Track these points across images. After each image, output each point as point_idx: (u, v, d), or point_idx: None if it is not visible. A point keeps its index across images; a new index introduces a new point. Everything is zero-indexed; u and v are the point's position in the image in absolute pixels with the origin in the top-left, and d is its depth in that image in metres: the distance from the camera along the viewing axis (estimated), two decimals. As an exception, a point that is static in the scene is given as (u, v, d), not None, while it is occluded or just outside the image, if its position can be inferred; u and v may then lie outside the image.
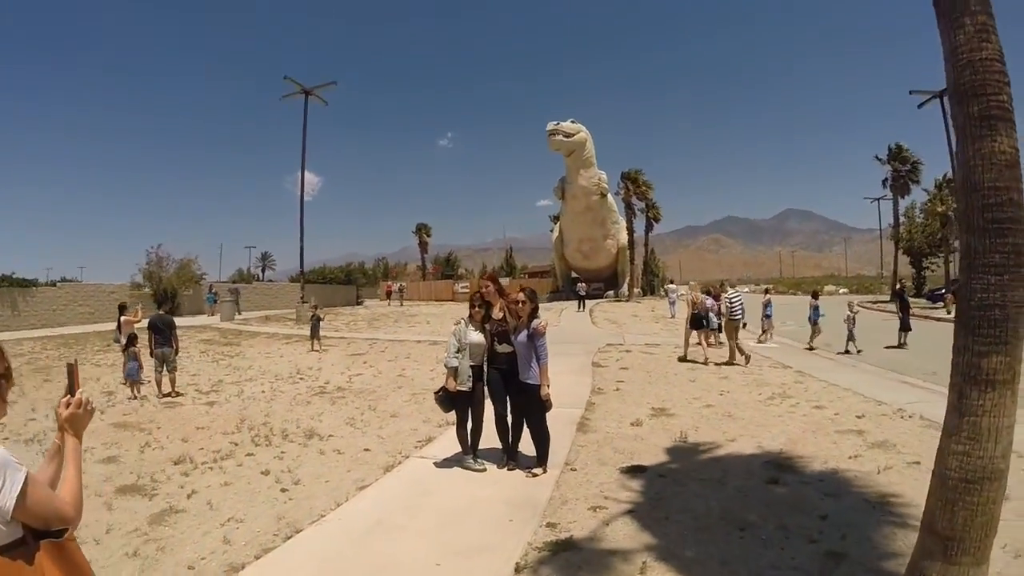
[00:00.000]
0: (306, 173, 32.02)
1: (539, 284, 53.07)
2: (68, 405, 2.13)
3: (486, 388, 6.58)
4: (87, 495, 6.05)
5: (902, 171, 46.46)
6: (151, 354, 11.75)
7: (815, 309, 17.76)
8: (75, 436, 2.12)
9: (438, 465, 6.68)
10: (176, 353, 12.04)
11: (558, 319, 28.05)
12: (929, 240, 49.51)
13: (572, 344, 17.99)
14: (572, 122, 42.35)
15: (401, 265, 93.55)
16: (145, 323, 12.51)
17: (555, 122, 41.59)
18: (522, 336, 6.24)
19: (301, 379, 13.24)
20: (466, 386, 6.36)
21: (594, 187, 42.98)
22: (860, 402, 9.73)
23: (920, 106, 34.69)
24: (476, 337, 6.43)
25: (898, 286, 23.72)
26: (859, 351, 16.42)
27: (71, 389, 2.17)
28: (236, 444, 7.90)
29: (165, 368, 11.72)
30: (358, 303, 50.84)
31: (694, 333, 15.18)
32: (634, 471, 6.32)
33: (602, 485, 5.94)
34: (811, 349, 17.25)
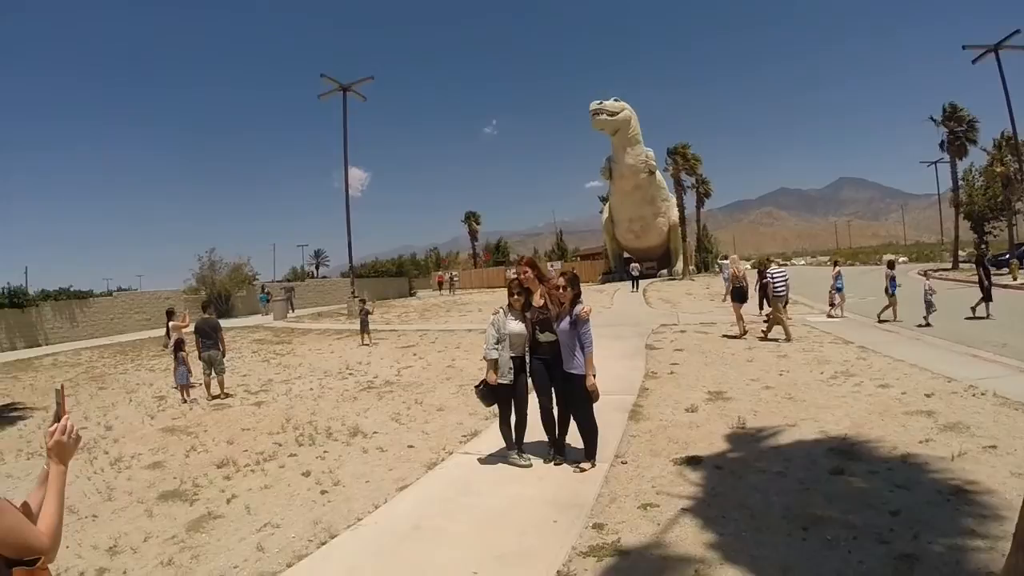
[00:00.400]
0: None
1: (591, 266, 52.54)
2: (53, 433, 2.01)
3: (529, 380, 6.23)
4: (130, 502, 6.15)
5: (958, 131, 43.88)
6: (199, 357, 11.82)
7: (892, 280, 16.72)
8: (60, 463, 2.00)
9: (482, 461, 6.41)
10: (224, 355, 12.06)
11: (611, 301, 27.54)
12: (991, 204, 46.68)
13: (624, 327, 17.50)
14: (615, 100, 41.48)
15: (453, 254, 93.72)
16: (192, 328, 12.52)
17: (598, 101, 40.81)
18: (564, 324, 5.85)
19: (350, 374, 13.16)
20: (507, 379, 6.01)
21: (642, 165, 42.11)
22: (928, 379, 9.05)
23: (975, 61, 32.60)
24: (516, 327, 6.08)
25: (979, 252, 22.24)
26: (929, 324, 15.23)
27: (58, 415, 2.04)
28: (280, 445, 7.81)
29: (213, 371, 11.79)
30: (411, 294, 51.23)
31: (737, 307, 15.03)
32: (689, 462, 5.90)
33: (654, 479, 5.56)
34: (882, 322, 16.32)
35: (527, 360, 6.20)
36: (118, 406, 11.73)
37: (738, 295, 15.11)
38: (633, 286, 33.91)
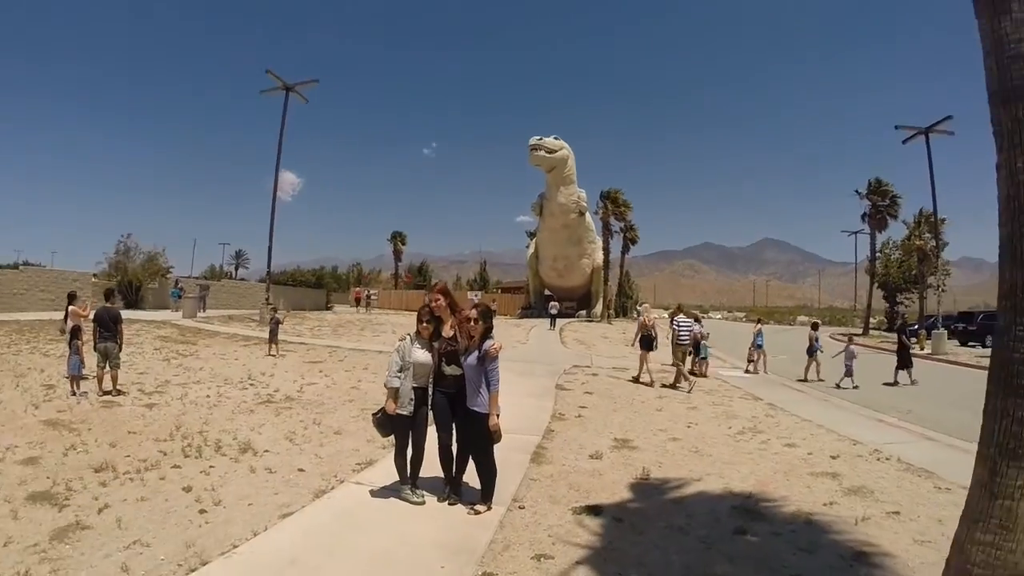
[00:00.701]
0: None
1: (511, 300, 52.52)
2: None
3: (430, 413, 5.88)
4: (1, 497, 5.53)
5: (881, 206, 46.45)
6: (95, 348, 11.09)
7: (815, 341, 17.32)
8: None
9: (374, 494, 6.00)
10: (120, 349, 11.33)
11: (527, 337, 27.47)
12: (904, 275, 49.73)
13: (537, 364, 17.40)
14: (555, 138, 41.88)
15: (375, 272, 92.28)
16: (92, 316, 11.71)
17: (538, 137, 41.11)
18: (472, 358, 5.55)
19: (251, 385, 12.50)
20: (407, 410, 5.67)
21: (573, 205, 42.51)
22: (835, 441, 9.25)
23: (905, 141, 34.43)
24: (422, 356, 5.74)
25: (902, 320, 23.25)
26: (855, 387, 15.61)
27: None
28: (165, 454, 7.25)
29: (108, 364, 11.03)
30: (328, 308, 49.97)
31: (645, 355, 15.22)
32: (589, 511, 5.69)
33: (552, 528, 5.31)
34: (803, 381, 16.95)
35: (430, 392, 5.87)
36: (3, 390, 10.99)
37: (646, 343, 15.23)
38: (551, 324, 33.99)
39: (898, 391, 15.67)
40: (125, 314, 12.72)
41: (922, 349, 28.93)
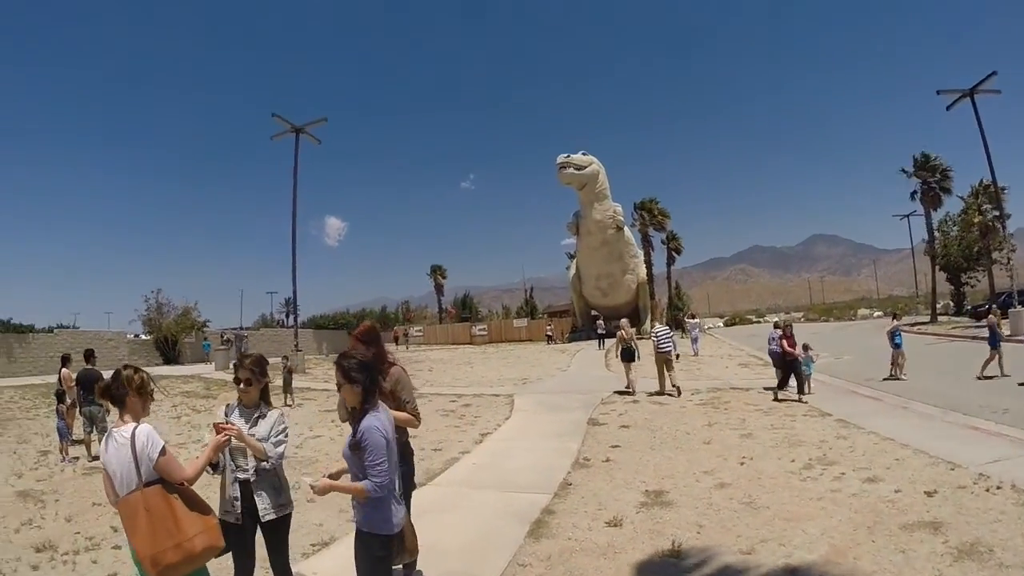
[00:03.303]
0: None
1: (560, 323, 50.86)
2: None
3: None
4: None
5: (931, 182, 43.22)
6: (79, 412, 10.80)
7: (895, 333, 15.62)
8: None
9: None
10: (108, 412, 10.55)
11: (569, 363, 25.73)
12: (966, 254, 45.76)
13: (572, 395, 15.67)
14: (583, 154, 40.40)
15: (423, 307, 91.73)
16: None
17: (565, 155, 39.70)
18: (346, 445, 3.44)
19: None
20: (229, 516, 3.75)
21: (609, 220, 40.78)
22: (926, 466, 7.27)
23: (949, 107, 31.47)
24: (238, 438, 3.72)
25: (994, 303, 20.89)
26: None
27: None
28: (116, 530, 6.31)
29: (95, 428, 10.56)
30: (372, 349, 49.18)
31: (627, 365, 15.95)
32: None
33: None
34: (895, 379, 15.27)
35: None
36: None
37: (627, 355, 15.90)
38: (600, 344, 32.68)
39: (987, 385, 13.60)
40: (164, 370, 12.09)
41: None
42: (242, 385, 3.86)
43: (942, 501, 5.97)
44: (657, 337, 15.54)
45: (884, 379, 15.38)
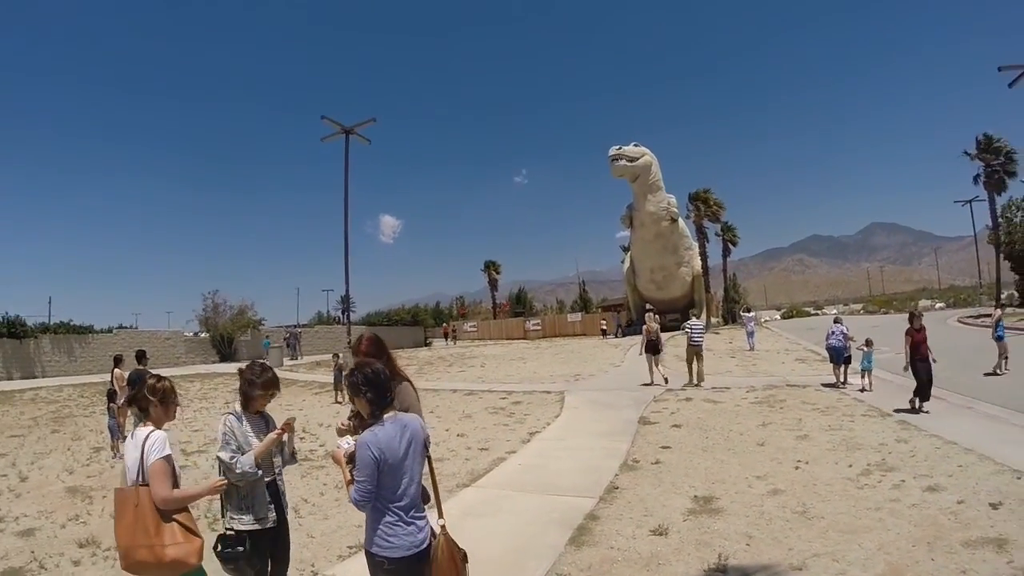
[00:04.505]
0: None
1: (612, 317, 50.41)
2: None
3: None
4: None
5: (995, 164, 40.86)
6: (131, 411, 10.74)
7: (999, 324, 14.93)
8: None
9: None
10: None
11: (622, 358, 25.41)
12: (1033, 240, 43.04)
13: (623, 392, 15.43)
14: (635, 145, 39.88)
15: (477, 303, 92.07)
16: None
17: (617, 147, 39.25)
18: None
19: (300, 439, 11.28)
20: (266, 522, 3.64)
21: (663, 212, 40.18)
22: (991, 474, 6.85)
23: (1011, 84, 29.76)
24: (256, 440, 3.73)
25: None
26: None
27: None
28: None
29: None
30: (426, 344, 49.76)
31: (652, 357, 16.66)
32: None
33: None
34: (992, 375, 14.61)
35: (280, 488, 3.91)
36: (53, 454, 11.36)
37: (651, 347, 16.64)
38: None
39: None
40: (220, 368, 12.29)
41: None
42: (259, 394, 3.82)
43: (1008, 515, 5.59)
44: (692, 330, 16.64)
45: (986, 374, 14.67)
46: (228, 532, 3.51)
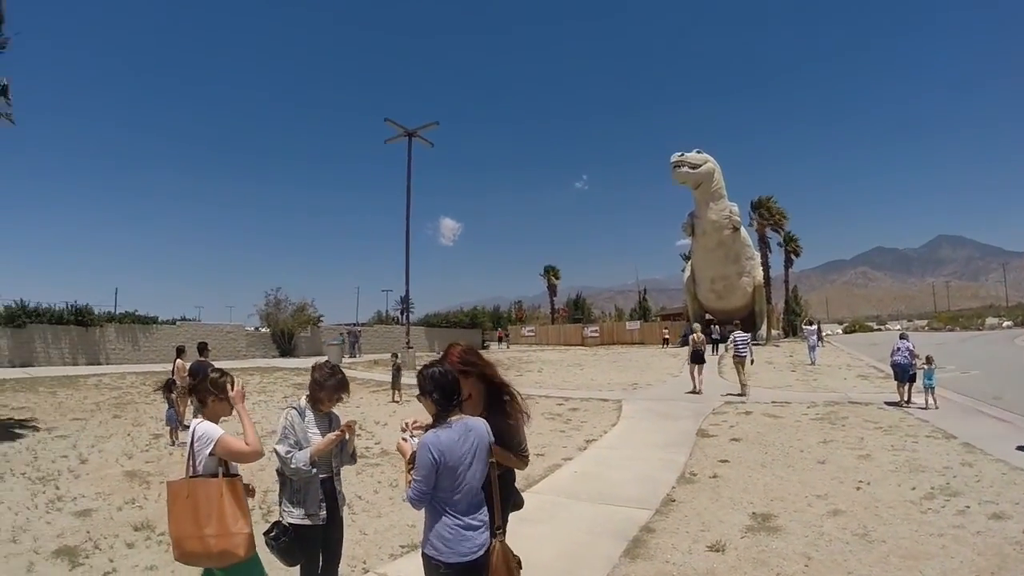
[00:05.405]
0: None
1: (674, 327, 49.78)
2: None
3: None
4: (24, 552, 5.70)
5: None
6: (190, 400, 10.97)
7: None
8: (240, 404, 3.55)
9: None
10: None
11: (680, 369, 25.09)
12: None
13: (682, 402, 15.31)
14: (698, 152, 39.28)
15: (535, 307, 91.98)
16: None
17: (679, 153, 38.73)
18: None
19: (357, 436, 11.49)
20: (316, 519, 3.77)
21: (725, 221, 39.44)
22: (1059, 502, 6.54)
23: None
24: (318, 436, 3.86)
25: None
26: None
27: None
28: None
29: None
30: (483, 347, 49.94)
31: (695, 367, 17.68)
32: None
33: None
34: None
35: (337, 487, 4.03)
36: (113, 438, 11.62)
37: (696, 357, 17.72)
38: (713, 349, 31.39)
39: None
40: (280, 362, 12.61)
41: None
42: (326, 395, 3.96)
43: (1076, 547, 5.34)
44: (736, 343, 17.44)
45: None
46: (278, 521, 3.73)
